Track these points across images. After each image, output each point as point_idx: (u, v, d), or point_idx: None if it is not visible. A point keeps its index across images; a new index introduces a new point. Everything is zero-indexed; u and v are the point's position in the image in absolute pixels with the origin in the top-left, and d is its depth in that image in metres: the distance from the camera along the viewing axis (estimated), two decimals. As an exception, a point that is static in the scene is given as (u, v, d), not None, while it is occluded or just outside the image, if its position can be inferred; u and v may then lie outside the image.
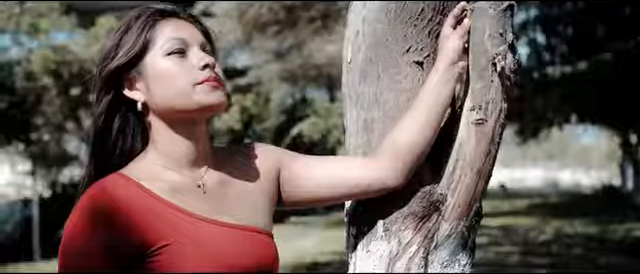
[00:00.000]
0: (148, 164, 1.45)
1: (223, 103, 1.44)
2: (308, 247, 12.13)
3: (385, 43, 1.60)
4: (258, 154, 1.57)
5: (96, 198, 1.36)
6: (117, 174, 1.41)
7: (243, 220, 1.46)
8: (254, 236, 1.46)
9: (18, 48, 13.25)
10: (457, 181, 1.55)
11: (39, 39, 12.75)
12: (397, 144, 1.53)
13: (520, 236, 14.46)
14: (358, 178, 1.53)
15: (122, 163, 1.45)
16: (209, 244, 1.38)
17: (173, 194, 1.41)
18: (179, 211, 1.40)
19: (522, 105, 16.21)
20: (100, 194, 1.36)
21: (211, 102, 1.42)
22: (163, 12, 1.47)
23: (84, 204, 1.36)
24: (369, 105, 1.61)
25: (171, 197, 1.41)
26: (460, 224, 1.55)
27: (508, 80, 1.55)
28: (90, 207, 1.35)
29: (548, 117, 18.73)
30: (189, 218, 1.40)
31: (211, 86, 1.42)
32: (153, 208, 1.38)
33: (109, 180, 1.39)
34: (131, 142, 1.48)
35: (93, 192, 1.37)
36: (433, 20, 1.60)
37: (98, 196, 1.36)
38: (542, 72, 16.64)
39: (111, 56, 1.44)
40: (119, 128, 1.46)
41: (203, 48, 1.46)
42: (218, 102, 1.43)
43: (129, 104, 1.45)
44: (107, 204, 1.35)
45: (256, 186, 1.52)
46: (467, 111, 1.55)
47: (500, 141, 1.57)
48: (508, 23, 1.54)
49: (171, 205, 1.40)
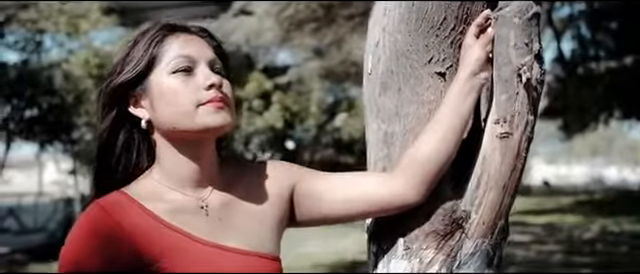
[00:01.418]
0: (152, 183, 1.42)
1: (227, 125, 1.39)
2: (349, 246, 12.08)
3: (406, 54, 1.54)
4: (270, 173, 1.52)
5: (96, 219, 1.33)
6: (119, 193, 1.38)
7: (247, 244, 1.42)
8: (257, 260, 1.41)
9: (58, 49, 13.44)
10: (481, 197, 1.49)
11: (79, 39, 12.88)
12: (416, 159, 1.47)
13: (564, 234, 14.22)
14: (376, 195, 1.48)
15: (126, 180, 1.42)
16: (207, 268, 1.34)
17: (175, 215, 1.38)
18: (179, 233, 1.36)
19: (567, 100, 15.96)
20: (100, 214, 1.33)
21: (214, 124, 1.37)
22: (172, 27, 1.43)
23: (84, 224, 1.33)
24: (390, 118, 1.56)
25: (172, 218, 1.37)
26: (485, 242, 1.49)
27: (535, 91, 1.48)
28: (90, 228, 1.32)
29: (593, 112, 18.39)
30: (189, 240, 1.36)
31: (215, 107, 1.37)
32: (153, 229, 1.34)
33: (110, 199, 1.36)
34: (136, 159, 1.45)
35: (93, 212, 1.34)
36: (456, 29, 1.53)
37: (98, 217, 1.33)
38: (588, 67, 16.35)
39: (117, 71, 1.41)
40: (123, 145, 1.43)
41: (212, 66, 1.42)
42: (221, 124, 1.38)
43: (134, 121, 1.42)
44: (106, 225, 1.32)
45: (265, 207, 1.48)
46: (492, 124, 1.49)
47: (527, 155, 1.50)
48: (534, 32, 1.48)
49: (172, 227, 1.36)
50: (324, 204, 1.50)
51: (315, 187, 1.51)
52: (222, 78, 1.42)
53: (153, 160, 1.45)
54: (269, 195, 1.49)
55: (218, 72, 1.42)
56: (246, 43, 14.39)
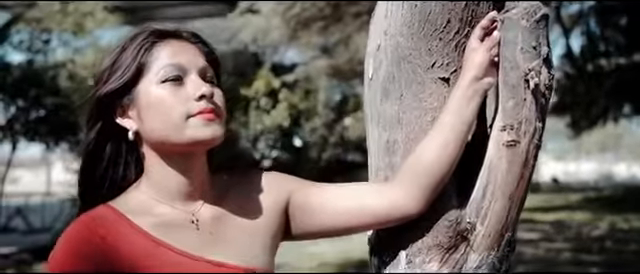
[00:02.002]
0: (140, 196, 1.36)
1: (217, 138, 1.33)
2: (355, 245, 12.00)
3: (408, 58, 1.48)
4: (264, 184, 1.45)
5: (80, 235, 1.28)
6: (105, 207, 1.32)
7: (239, 259, 1.35)
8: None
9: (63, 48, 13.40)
10: (487, 208, 1.42)
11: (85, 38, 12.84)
12: (416, 168, 1.41)
13: (573, 232, 14.12)
14: (375, 206, 1.41)
15: (113, 193, 1.36)
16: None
17: (163, 230, 1.32)
18: (168, 249, 1.30)
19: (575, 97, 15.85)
20: (84, 231, 1.28)
21: (204, 137, 1.31)
22: (162, 33, 1.36)
23: (67, 241, 1.28)
24: (391, 125, 1.49)
25: (161, 233, 1.31)
26: (490, 255, 1.42)
27: (543, 97, 1.42)
28: (73, 245, 1.27)
29: (602, 109, 18.26)
30: (178, 256, 1.30)
31: (206, 119, 1.31)
32: (140, 245, 1.29)
33: (95, 214, 1.31)
34: (123, 172, 1.39)
35: (77, 228, 1.28)
36: (460, 32, 1.47)
37: (82, 233, 1.28)
38: (597, 63, 16.23)
39: (103, 80, 1.34)
40: (110, 157, 1.37)
41: (203, 74, 1.35)
42: (212, 137, 1.32)
43: (122, 132, 1.35)
44: (90, 242, 1.26)
45: (258, 220, 1.41)
46: (498, 131, 1.43)
47: (535, 164, 1.44)
48: (542, 35, 1.41)
49: (160, 242, 1.30)
50: (320, 216, 1.43)
51: (311, 199, 1.44)
52: (213, 87, 1.35)
53: (142, 172, 1.39)
54: (262, 208, 1.42)
55: (210, 81, 1.36)
56: (253, 42, 14.36)
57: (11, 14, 12.54)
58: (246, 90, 17.03)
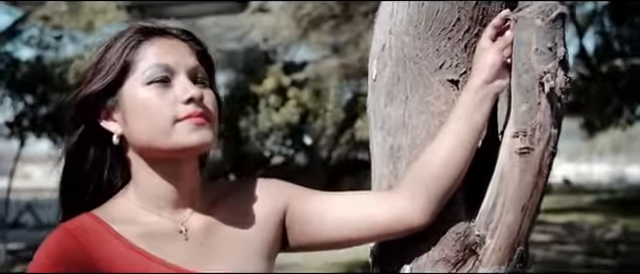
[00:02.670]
0: (126, 203, 1.27)
1: (206, 144, 1.24)
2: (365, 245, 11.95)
3: (414, 59, 1.39)
4: (259, 193, 1.36)
5: (60, 245, 1.19)
6: (88, 215, 1.24)
7: (230, 269, 1.26)
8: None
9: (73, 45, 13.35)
10: (497, 220, 1.33)
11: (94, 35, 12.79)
12: (421, 176, 1.32)
13: (585, 234, 13.98)
14: (377, 218, 1.32)
15: (98, 200, 1.28)
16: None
17: (148, 240, 1.23)
18: (152, 260, 1.21)
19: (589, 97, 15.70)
20: (65, 240, 1.19)
21: (192, 143, 1.22)
22: (149, 31, 1.27)
23: (48, 251, 1.19)
24: (396, 130, 1.40)
25: (146, 244, 1.23)
26: (501, 270, 1.33)
27: (559, 102, 1.32)
28: (53, 256, 1.18)
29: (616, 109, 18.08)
30: (163, 268, 1.21)
31: (194, 123, 1.22)
32: (122, 256, 1.20)
33: (77, 223, 1.22)
34: (107, 178, 1.30)
35: (58, 238, 1.20)
36: (470, 31, 1.38)
37: (63, 243, 1.19)
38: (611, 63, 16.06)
39: (87, 80, 1.26)
40: (94, 162, 1.28)
41: (193, 75, 1.26)
42: (200, 143, 1.23)
43: (106, 135, 1.27)
44: (71, 252, 1.18)
45: (253, 230, 1.32)
46: (509, 138, 1.33)
47: (549, 173, 1.34)
48: (559, 35, 1.32)
49: (144, 253, 1.22)
50: (318, 228, 1.34)
51: (309, 208, 1.35)
52: (205, 88, 1.27)
53: (129, 177, 1.30)
54: (258, 217, 1.33)
55: (201, 82, 1.27)
56: (264, 41, 14.28)
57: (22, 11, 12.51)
58: (256, 88, 16.96)
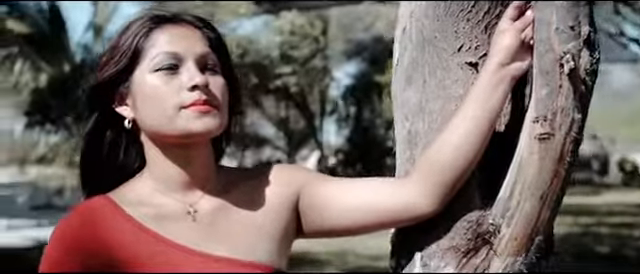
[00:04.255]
0: (141, 186, 1.31)
1: (211, 130, 1.25)
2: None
3: (433, 41, 1.34)
4: (273, 178, 1.36)
5: (71, 227, 1.25)
6: (102, 197, 1.28)
7: (239, 252, 1.27)
8: (247, 270, 1.26)
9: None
10: (514, 208, 1.27)
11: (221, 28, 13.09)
12: (431, 163, 1.28)
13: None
14: (387, 205, 1.29)
15: (116, 182, 1.32)
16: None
17: (158, 221, 1.26)
18: (159, 240, 1.24)
19: None
20: (76, 222, 1.25)
21: (194, 130, 1.24)
22: (161, 19, 1.29)
23: (59, 232, 1.25)
24: (414, 114, 1.36)
25: (155, 224, 1.26)
26: (517, 261, 1.27)
27: (583, 84, 1.25)
28: (64, 237, 1.24)
29: None
30: (169, 248, 1.24)
31: (198, 111, 1.23)
32: (130, 236, 1.24)
33: (90, 205, 1.27)
34: (124, 160, 1.34)
35: (70, 220, 1.26)
36: (490, 13, 1.32)
37: (73, 225, 1.25)
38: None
39: (101, 67, 1.30)
40: (110, 144, 1.32)
41: (203, 62, 1.27)
42: (202, 130, 1.24)
43: (121, 119, 1.31)
44: (81, 233, 1.23)
45: (265, 214, 1.32)
46: (530, 123, 1.27)
47: (573, 160, 1.27)
48: (583, 13, 1.24)
49: (151, 233, 1.25)
50: (328, 212, 1.33)
51: (321, 193, 1.33)
52: (215, 75, 1.28)
53: (144, 161, 1.34)
54: (270, 201, 1.33)
55: (211, 68, 1.28)
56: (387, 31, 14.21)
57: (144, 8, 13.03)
58: (380, 77, 16.90)
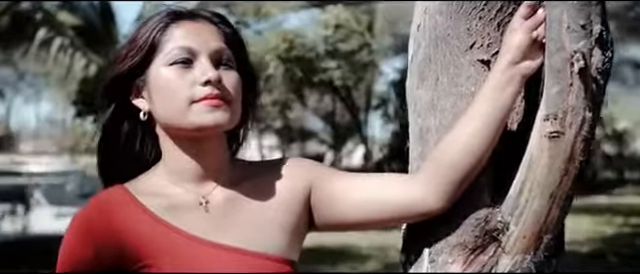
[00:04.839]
0: (156, 177, 1.34)
1: (221, 125, 1.28)
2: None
3: (446, 39, 1.35)
4: (285, 171, 1.38)
5: (88, 217, 1.28)
6: (119, 187, 1.32)
7: (250, 243, 1.29)
8: (260, 262, 1.28)
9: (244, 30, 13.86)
10: (523, 206, 1.27)
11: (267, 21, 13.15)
12: (440, 160, 1.28)
13: None
14: (396, 200, 1.31)
15: (133, 173, 1.36)
16: (198, 267, 1.25)
17: (171, 211, 1.29)
18: (172, 231, 1.27)
19: None
20: (92, 212, 1.28)
21: (206, 124, 1.27)
22: (177, 15, 1.33)
23: (76, 222, 1.29)
24: (425, 112, 1.37)
25: (168, 215, 1.29)
26: (526, 259, 1.27)
27: (594, 83, 1.24)
28: (80, 227, 1.28)
29: None
30: (182, 238, 1.27)
31: (210, 105, 1.26)
32: (144, 227, 1.27)
33: (106, 195, 1.31)
34: (140, 151, 1.38)
35: (86, 210, 1.29)
36: (503, 10, 1.32)
37: (90, 215, 1.28)
38: None
39: (120, 60, 1.34)
40: (127, 135, 1.37)
41: (217, 57, 1.30)
42: (213, 124, 1.27)
43: (137, 111, 1.35)
44: (96, 224, 1.27)
45: (276, 206, 1.34)
46: (540, 122, 1.27)
47: (583, 159, 1.26)
48: (595, 12, 1.23)
49: (164, 223, 1.28)
50: (338, 206, 1.34)
51: (332, 188, 1.36)
52: (229, 70, 1.30)
53: (160, 152, 1.37)
54: (282, 194, 1.36)
55: (226, 63, 1.31)
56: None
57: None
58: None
